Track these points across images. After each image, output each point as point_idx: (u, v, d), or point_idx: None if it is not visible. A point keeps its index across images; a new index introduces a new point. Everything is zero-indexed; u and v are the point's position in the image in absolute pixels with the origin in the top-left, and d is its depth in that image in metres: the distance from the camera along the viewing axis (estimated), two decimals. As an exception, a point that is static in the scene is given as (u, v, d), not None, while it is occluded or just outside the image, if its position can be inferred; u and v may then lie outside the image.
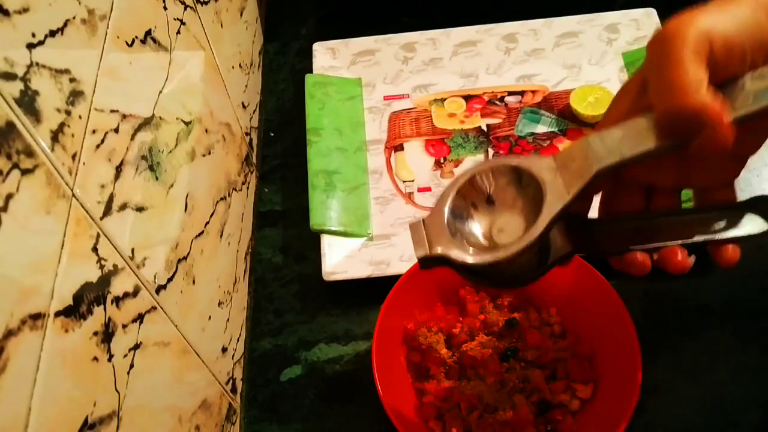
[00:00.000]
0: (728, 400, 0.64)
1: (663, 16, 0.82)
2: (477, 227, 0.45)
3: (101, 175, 0.39)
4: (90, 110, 0.38)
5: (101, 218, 0.39)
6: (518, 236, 0.42)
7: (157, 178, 0.47)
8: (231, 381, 0.64)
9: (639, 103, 0.40)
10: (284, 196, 0.78)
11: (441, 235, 0.43)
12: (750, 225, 0.44)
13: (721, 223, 0.43)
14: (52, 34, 0.35)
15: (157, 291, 0.46)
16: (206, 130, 0.61)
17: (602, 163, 0.39)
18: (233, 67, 0.74)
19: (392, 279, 0.64)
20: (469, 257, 0.42)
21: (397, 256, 0.71)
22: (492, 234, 0.44)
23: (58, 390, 0.33)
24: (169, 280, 0.49)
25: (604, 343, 0.62)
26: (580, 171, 0.40)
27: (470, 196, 0.44)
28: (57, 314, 0.33)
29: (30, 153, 0.32)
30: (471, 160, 0.77)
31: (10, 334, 0.30)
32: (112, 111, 0.41)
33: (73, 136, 0.36)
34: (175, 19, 0.54)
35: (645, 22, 0.83)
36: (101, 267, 0.38)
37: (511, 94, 0.82)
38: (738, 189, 0.45)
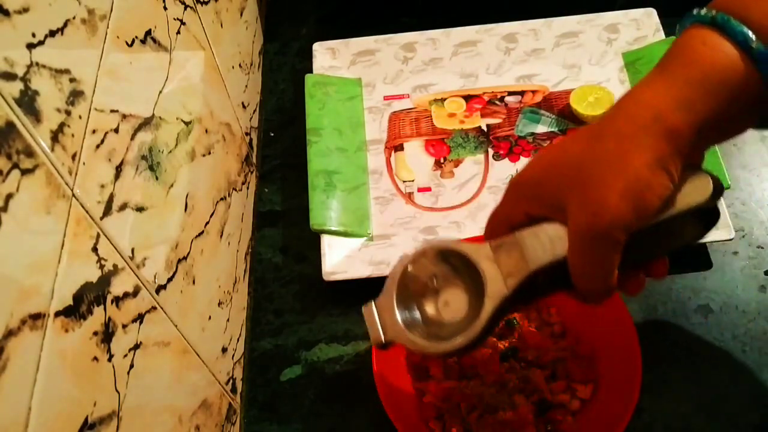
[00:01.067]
0: (728, 400, 0.64)
1: (663, 16, 0.82)
2: (424, 303, 0.49)
3: (101, 175, 0.39)
4: (90, 110, 0.38)
5: (101, 218, 0.39)
6: (462, 312, 0.47)
7: (157, 178, 0.47)
8: (231, 381, 0.64)
9: (548, 211, 0.44)
10: (284, 196, 0.78)
11: (393, 319, 0.48)
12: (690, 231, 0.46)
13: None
14: (52, 34, 0.35)
15: (157, 291, 0.46)
16: (206, 130, 0.61)
17: (538, 262, 0.44)
18: (233, 67, 0.74)
19: (392, 279, 0.64)
20: (421, 346, 0.46)
21: (397, 256, 0.71)
22: (438, 306, 0.48)
23: (58, 390, 0.33)
24: (169, 280, 0.49)
25: (604, 343, 0.62)
26: (518, 267, 0.44)
27: (416, 276, 0.48)
28: (57, 314, 0.33)
29: (30, 153, 0.32)
30: (471, 160, 0.77)
31: (10, 334, 0.30)
32: (112, 111, 0.41)
33: (73, 136, 0.36)
34: (175, 19, 0.54)
35: (645, 22, 0.83)
36: (101, 267, 0.38)
37: (511, 94, 0.82)
38: (738, 189, 0.45)
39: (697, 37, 0.40)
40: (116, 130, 0.41)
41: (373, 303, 0.49)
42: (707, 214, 0.46)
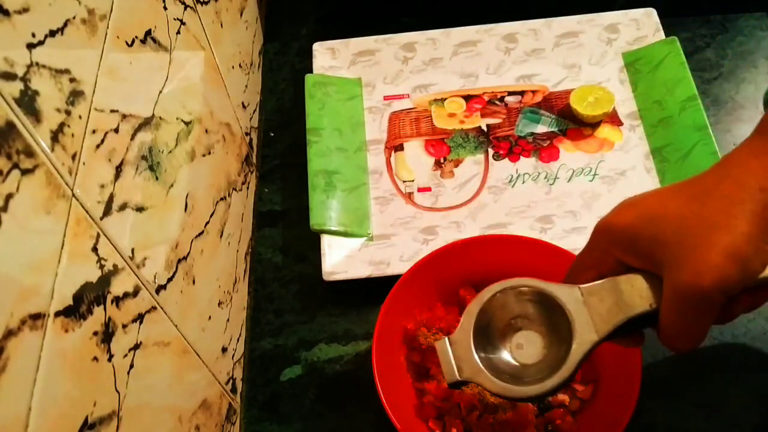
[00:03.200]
0: (728, 400, 0.64)
1: (663, 16, 0.82)
2: (500, 342, 0.47)
3: (101, 175, 0.39)
4: (90, 110, 0.38)
5: (101, 218, 0.39)
6: (538, 354, 0.46)
7: (157, 178, 0.47)
8: (231, 381, 0.64)
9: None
10: (284, 196, 0.78)
11: (469, 356, 0.46)
12: None
13: None
14: (52, 34, 0.35)
15: (157, 291, 0.46)
16: (206, 130, 0.61)
17: (634, 311, 0.43)
18: (233, 67, 0.74)
19: (392, 279, 0.64)
20: (502, 388, 0.45)
21: (397, 256, 0.71)
22: (511, 348, 0.47)
23: (58, 390, 0.33)
24: (169, 280, 0.49)
25: (604, 343, 0.62)
26: (611, 314, 0.43)
27: (493, 313, 0.47)
28: (57, 314, 0.33)
29: (30, 153, 0.32)
30: (471, 160, 0.77)
31: (10, 334, 0.30)
32: (112, 111, 0.41)
33: (73, 136, 0.36)
34: (175, 19, 0.54)
35: (645, 22, 0.83)
36: (101, 267, 0.38)
37: (511, 94, 0.82)
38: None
39: None
40: (116, 130, 0.41)
41: (446, 338, 0.47)
42: None
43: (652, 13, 0.83)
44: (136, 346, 0.42)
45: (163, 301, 0.47)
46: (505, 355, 0.47)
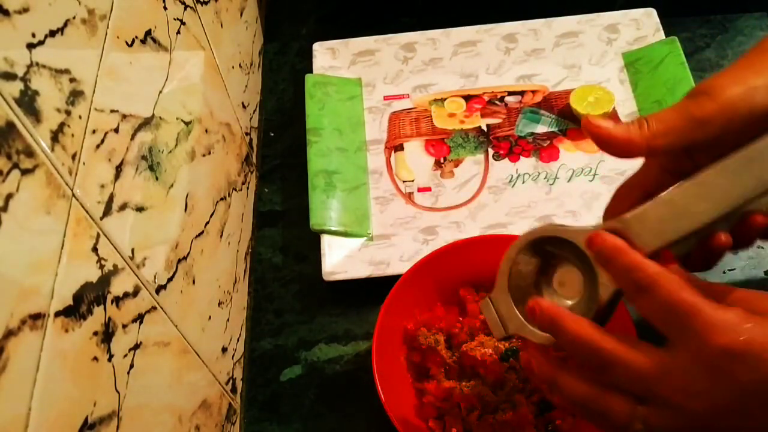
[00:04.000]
0: (728, 400, 0.64)
1: (663, 16, 0.82)
2: (542, 289, 0.48)
3: (101, 175, 0.39)
4: (90, 110, 0.38)
5: (101, 218, 0.39)
6: (580, 291, 0.46)
7: (157, 178, 0.47)
8: (231, 381, 0.64)
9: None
10: (284, 196, 0.78)
11: (511, 312, 0.48)
12: None
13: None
14: (52, 34, 0.35)
15: (157, 291, 0.46)
16: (206, 130, 0.61)
17: (649, 248, 0.42)
18: (233, 67, 0.74)
19: (392, 279, 0.64)
20: (543, 338, 0.46)
21: (397, 256, 0.71)
22: (554, 286, 0.48)
23: (58, 390, 0.33)
24: (169, 280, 0.49)
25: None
26: None
27: (526, 265, 0.48)
28: (57, 314, 0.33)
29: (30, 153, 0.32)
30: (471, 160, 0.77)
31: (10, 334, 0.30)
32: (112, 111, 0.41)
33: (73, 136, 0.36)
34: (175, 19, 0.54)
35: (645, 22, 0.83)
36: (101, 267, 0.38)
37: (511, 94, 0.82)
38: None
39: None
40: (116, 130, 0.41)
41: (488, 297, 0.49)
42: None
43: (652, 13, 0.83)
44: (136, 346, 0.42)
45: (163, 301, 0.47)
46: (549, 299, 0.48)
